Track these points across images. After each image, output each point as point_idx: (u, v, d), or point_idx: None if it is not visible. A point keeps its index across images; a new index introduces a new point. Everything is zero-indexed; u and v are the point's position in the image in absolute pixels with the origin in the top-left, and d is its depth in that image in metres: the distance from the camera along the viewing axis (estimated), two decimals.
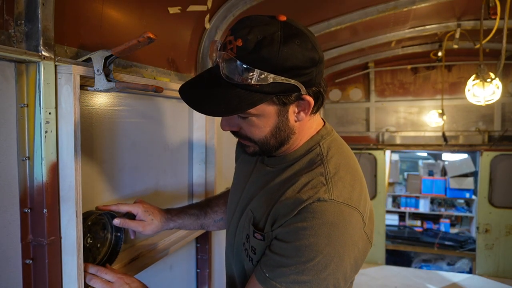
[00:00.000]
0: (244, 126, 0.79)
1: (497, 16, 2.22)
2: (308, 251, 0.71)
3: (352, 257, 0.75)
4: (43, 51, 0.80)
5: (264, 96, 0.70)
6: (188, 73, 1.56)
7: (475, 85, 2.65)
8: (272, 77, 0.68)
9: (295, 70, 0.70)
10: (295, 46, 0.69)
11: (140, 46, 0.87)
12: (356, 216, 0.75)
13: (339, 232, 0.72)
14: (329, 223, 0.71)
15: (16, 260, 0.82)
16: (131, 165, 1.23)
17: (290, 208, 0.75)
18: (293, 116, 0.78)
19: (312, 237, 0.71)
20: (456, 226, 5.53)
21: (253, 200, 0.87)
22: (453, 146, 4.39)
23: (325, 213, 0.72)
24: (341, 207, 0.73)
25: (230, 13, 1.60)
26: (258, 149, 0.83)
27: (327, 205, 0.73)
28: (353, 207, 0.75)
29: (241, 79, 0.69)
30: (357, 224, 0.75)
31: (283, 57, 0.68)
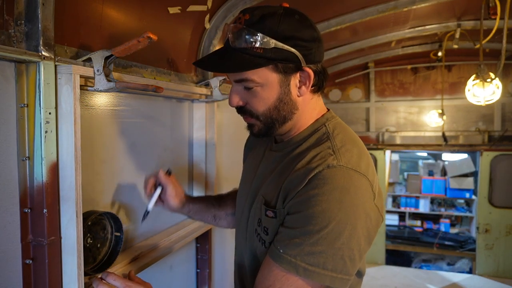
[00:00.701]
0: (249, 99, 0.82)
1: (497, 16, 2.22)
2: (320, 218, 0.71)
3: (364, 226, 0.75)
4: (43, 51, 0.80)
5: (267, 61, 0.76)
6: (188, 73, 1.56)
7: (475, 85, 2.65)
8: (274, 42, 0.75)
9: (295, 40, 0.76)
10: (295, 20, 0.78)
11: (140, 46, 0.87)
12: (365, 183, 0.76)
13: (350, 197, 0.73)
14: (340, 188, 0.73)
15: (16, 260, 0.82)
16: (131, 165, 1.23)
17: (300, 179, 0.76)
18: (295, 89, 0.81)
19: (324, 202, 0.72)
20: (456, 226, 5.53)
21: (263, 185, 0.88)
22: (453, 146, 4.39)
23: (335, 178, 0.73)
24: (350, 172, 0.75)
25: (230, 13, 1.60)
26: (262, 126, 0.85)
27: (336, 170, 0.74)
28: (361, 173, 0.76)
29: (246, 45, 0.75)
30: (367, 192, 0.76)
31: (284, 27, 0.76)
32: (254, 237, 0.88)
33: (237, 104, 0.85)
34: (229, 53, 0.79)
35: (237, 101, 0.84)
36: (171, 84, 1.34)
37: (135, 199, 1.25)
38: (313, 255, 0.71)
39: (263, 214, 0.83)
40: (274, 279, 0.74)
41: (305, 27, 0.78)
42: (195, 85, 1.55)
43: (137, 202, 1.26)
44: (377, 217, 0.78)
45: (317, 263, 0.71)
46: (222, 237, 1.90)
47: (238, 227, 1.01)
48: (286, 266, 0.72)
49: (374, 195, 0.78)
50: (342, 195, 0.72)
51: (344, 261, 0.73)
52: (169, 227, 1.46)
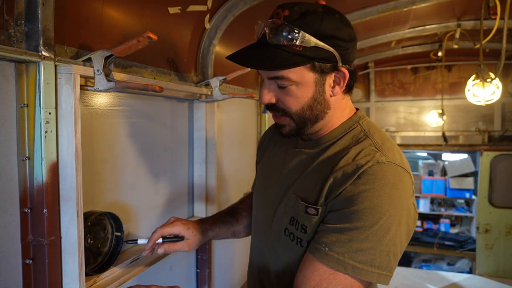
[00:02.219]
0: (283, 97, 0.80)
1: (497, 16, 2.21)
2: (372, 213, 0.71)
3: (406, 223, 0.75)
4: (43, 51, 0.80)
5: (306, 60, 0.75)
6: (188, 73, 1.56)
7: (475, 85, 2.65)
8: (314, 40, 0.73)
9: (335, 40, 0.75)
10: (335, 18, 0.76)
11: (140, 46, 0.87)
12: (409, 179, 0.77)
13: (399, 193, 0.73)
14: (390, 184, 0.73)
15: (16, 260, 0.82)
16: (131, 165, 1.23)
17: (348, 175, 0.75)
18: (329, 89, 0.81)
19: (375, 198, 0.71)
20: (456, 226, 5.53)
21: (295, 184, 0.86)
22: (453, 146, 4.38)
23: (386, 174, 0.73)
24: (398, 169, 0.75)
25: (230, 13, 1.60)
26: (294, 125, 0.83)
27: (386, 166, 0.74)
28: (406, 170, 0.77)
29: (286, 42, 0.73)
30: (410, 188, 0.77)
31: (325, 25, 0.74)
32: (282, 237, 0.85)
33: (269, 101, 0.82)
34: (266, 49, 0.76)
35: (269, 98, 0.81)
36: (171, 84, 1.34)
37: (136, 199, 1.25)
38: (362, 252, 0.70)
39: (301, 211, 0.81)
40: (320, 278, 0.71)
41: (345, 26, 0.77)
42: (195, 85, 1.55)
43: (138, 202, 1.26)
44: (415, 214, 0.79)
45: (366, 260, 0.70)
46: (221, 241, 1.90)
47: (259, 230, 0.97)
48: (334, 264, 0.71)
49: (413, 191, 0.80)
50: (392, 191, 0.72)
51: (389, 257, 0.73)
52: None
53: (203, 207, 1.63)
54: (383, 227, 0.71)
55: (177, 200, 1.52)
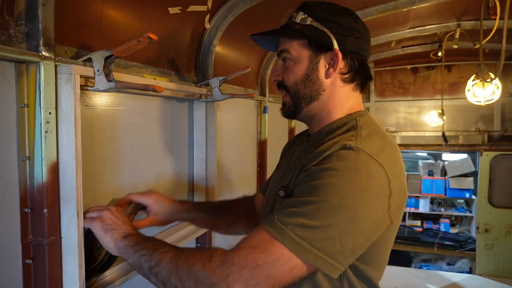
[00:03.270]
0: (284, 72, 0.89)
1: (496, 16, 2.22)
2: (324, 189, 0.68)
3: (367, 218, 0.69)
4: (43, 51, 0.80)
5: (300, 36, 0.84)
6: (188, 73, 1.56)
7: (475, 85, 2.65)
8: (310, 20, 0.83)
9: (332, 23, 0.83)
10: (338, 8, 0.86)
11: (140, 46, 0.87)
12: (380, 172, 0.72)
13: (360, 180, 0.70)
14: (353, 168, 0.70)
15: (16, 260, 0.82)
16: (131, 165, 1.23)
17: (315, 157, 0.75)
18: (323, 69, 0.85)
19: (332, 177, 0.69)
20: (456, 226, 5.53)
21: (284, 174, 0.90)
22: (453, 146, 4.39)
23: (349, 157, 0.71)
24: (366, 157, 0.72)
25: (230, 14, 1.60)
26: (291, 102, 0.89)
27: (353, 152, 0.72)
28: (378, 162, 0.72)
29: (289, 21, 0.87)
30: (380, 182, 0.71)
31: (325, 9, 0.84)
32: None
33: (276, 78, 0.91)
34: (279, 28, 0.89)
35: (276, 75, 0.91)
36: (171, 84, 1.34)
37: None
38: (304, 228, 0.67)
39: (277, 196, 0.83)
40: (260, 240, 0.69)
41: (346, 15, 0.85)
42: (195, 85, 1.55)
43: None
44: (383, 216, 0.72)
45: (305, 237, 0.66)
46: (222, 237, 1.90)
47: None
48: (275, 231, 0.68)
49: (391, 192, 0.73)
50: (353, 175, 0.70)
51: (335, 244, 0.67)
52: (169, 227, 1.46)
53: None
54: (334, 207, 0.67)
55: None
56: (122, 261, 1.12)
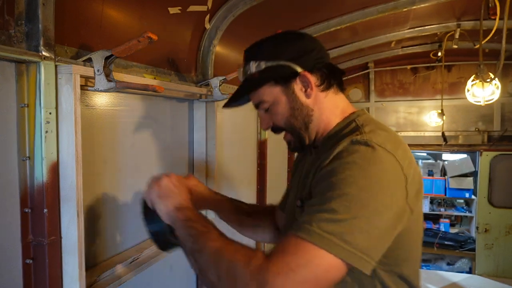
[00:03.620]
0: (272, 118, 0.90)
1: (496, 16, 2.22)
2: (342, 183, 0.68)
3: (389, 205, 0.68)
4: (44, 51, 0.80)
5: (263, 80, 0.86)
6: (188, 73, 1.56)
7: (475, 85, 2.65)
8: (263, 63, 0.86)
9: (283, 55, 0.85)
10: (279, 38, 0.88)
11: (140, 46, 0.87)
12: (391, 159, 0.71)
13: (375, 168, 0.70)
14: (366, 159, 0.70)
15: (16, 260, 0.82)
16: (131, 165, 1.23)
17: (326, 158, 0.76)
18: (302, 93, 0.87)
19: (347, 170, 0.69)
20: (456, 226, 5.53)
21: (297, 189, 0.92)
22: (452, 146, 4.39)
23: (360, 150, 0.72)
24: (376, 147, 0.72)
25: (230, 14, 1.60)
26: (292, 138, 0.91)
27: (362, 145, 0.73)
28: (387, 150, 0.72)
29: (246, 76, 0.89)
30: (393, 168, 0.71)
31: (268, 46, 0.87)
32: None
33: (267, 126, 0.93)
34: (240, 86, 0.92)
35: (266, 123, 0.93)
36: (171, 84, 1.34)
37: (136, 199, 1.25)
38: (331, 222, 0.65)
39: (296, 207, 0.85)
40: (289, 244, 0.67)
41: (289, 40, 0.87)
42: (195, 85, 1.55)
43: (138, 202, 1.26)
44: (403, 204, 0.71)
45: (334, 232, 0.64)
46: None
47: None
48: (301, 233, 0.66)
49: (406, 178, 0.71)
50: (367, 165, 0.69)
51: (363, 236, 0.65)
52: None
53: None
54: (355, 199, 0.66)
55: None
56: (121, 262, 1.12)
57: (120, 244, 1.19)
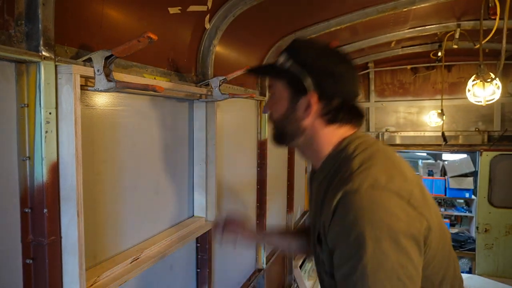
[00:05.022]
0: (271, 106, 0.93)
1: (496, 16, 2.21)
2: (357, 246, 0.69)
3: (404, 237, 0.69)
4: (43, 51, 0.80)
5: (279, 76, 0.89)
6: (188, 73, 1.56)
7: (475, 85, 2.65)
8: (290, 63, 0.86)
9: (311, 67, 0.84)
10: (325, 53, 0.87)
11: (140, 46, 0.87)
12: (387, 195, 0.72)
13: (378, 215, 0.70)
14: (361, 208, 0.70)
15: (16, 260, 0.82)
16: (131, 165, 1.23)
17: (328, 211, 0.76)
18: (302, 109, 0.86)
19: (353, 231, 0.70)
20: (456, 226, 5.53)
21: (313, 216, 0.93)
22: (452, 146, 4.39)
23: (354, 203, 0.71)
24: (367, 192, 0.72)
25: (230, 13, 1.60)
26: (274, 131, 0.94)
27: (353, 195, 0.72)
28: (381, 188, 0.72)
29: (275, 62, 0.90)
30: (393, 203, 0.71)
31: (308, 52, 0.86)
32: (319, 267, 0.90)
33: (266, 110, 0.96)
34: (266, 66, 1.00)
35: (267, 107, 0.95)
36: (171, 84, 1.34)
37: (136, 199, 1.25)
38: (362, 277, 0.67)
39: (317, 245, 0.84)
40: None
41: (330, 57, 0.85)
42: (195, 85, 1.55)
43: (138, 202, 1.26)
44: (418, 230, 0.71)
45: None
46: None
47: None
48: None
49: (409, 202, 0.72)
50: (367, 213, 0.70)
51: (403, 281, 0.67)
52: (169, 227, 1.46)
53: (203, 207, 1.63)
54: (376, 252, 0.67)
55: (177, 200, 1.52)
56: (121, 262, 1.12)
57: (120, 244, 1.19)
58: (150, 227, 1.34)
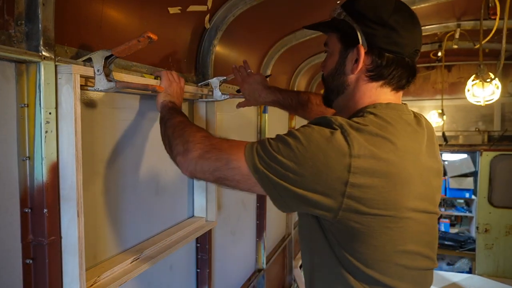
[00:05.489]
0: (324, 63, 0.92)
1: (496, 16, 2.22)
2: (290, 134, 0.75)
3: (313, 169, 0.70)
4: (43, 51, 0.80)
5: (330, 29, 0.88)
6: (188, 73, 1.56)
7: (475, 85, 2.65)
8: (344, 14, 0.84)
9: (364, 19, 0.81)
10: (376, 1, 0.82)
11: (140, 46, 0.87)
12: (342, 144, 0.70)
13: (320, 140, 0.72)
14: (321, 130, 0.74)
15: (16, 260, 0.82)
16: (131, 165, 1.23)
17: None
18: (350, 64, 0.85)
19: (301, 129, 0.76)
20: (456, 226, 5.53)
21: None
22: (453, 146, 4.39)
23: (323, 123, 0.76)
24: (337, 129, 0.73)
25: (230, 13, 1.59)
26: (325, 92, 0.95)
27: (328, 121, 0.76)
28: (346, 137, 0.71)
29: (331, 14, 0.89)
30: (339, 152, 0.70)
31: (361, 4, 0.82)
32: None
33: (321, 70, 0.95)
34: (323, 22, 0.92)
35: (322, 66, 0.94)
36: None
37: (136, 199, 1.25)
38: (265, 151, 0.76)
39: None
40: None
41: (383, 8, 0.79)
42: (195, 85, 1.55)
43: (138, 202, 1.26)
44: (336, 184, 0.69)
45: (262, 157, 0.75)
46: (222, 237, 1.90)
47: None
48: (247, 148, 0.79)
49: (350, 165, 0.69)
50: (317, 133, 0.73)
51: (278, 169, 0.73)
52: (169, 227, 1.46)
53: (203, 207, 1.63)
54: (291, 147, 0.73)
55: (177, 200, 1.52)
56: (121, 262, 1.12)
57: (120, 244, 1.19)
58: (150, 227, 1.34)
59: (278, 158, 0.73)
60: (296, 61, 3.05)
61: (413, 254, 0.80)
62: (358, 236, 0.75)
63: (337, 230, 0.77)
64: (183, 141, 0.90)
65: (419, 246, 0.81)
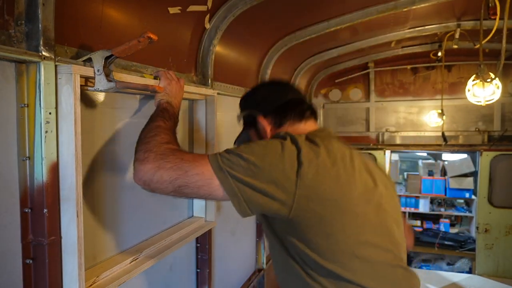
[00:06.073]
0: None
1: (496, 16, 2.21)
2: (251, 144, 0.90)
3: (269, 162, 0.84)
4: (43, 51, 0.80)
5: (246, 126, 1.15)
6: (188, 73, 1.56)
7: (475, 85, 2.65)
8: (242, 112, 1.14)
9: (251, 103, 1.11)
10: (256, 88, 1.16)
11: (140, 46, 0.87)
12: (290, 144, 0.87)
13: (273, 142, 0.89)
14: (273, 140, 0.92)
15: (16, 260, 0.82)
16: (131, 165, 1.22)
17: None
18: (263, 131, 1.07)
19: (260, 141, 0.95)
20: (456, 226, 5.52)
21: None
22: (452, 146, 4.38)
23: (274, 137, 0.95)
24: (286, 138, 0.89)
25: (230, 13, 1.60)
26: None
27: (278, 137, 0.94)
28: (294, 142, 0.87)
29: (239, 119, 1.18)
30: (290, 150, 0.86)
31: (248, 96, 1.16)
32: None
33: None
34: None
35: None
36: None
37: (135, 199, 1.25)
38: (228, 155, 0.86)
39: None
40: None
41: (252, 94, 1.14)
42: (195, 85, 1.55)
43: (137, 202, 1.26)
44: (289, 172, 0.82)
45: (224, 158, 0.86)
46: (222, 237, 1.90)
47: None
48: None
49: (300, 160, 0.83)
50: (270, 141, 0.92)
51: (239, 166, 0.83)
52: (169, 227, 1.46)
53: (202, 207, 1.63)
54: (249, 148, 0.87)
55: (177, 200, 1.52)
56: (121, 262, 1.12)
57: (120, 244, 1.19)
58: (149, 227, 1.34)
59: (240, 155, 0.84)
60: (296, 61, 3.05)
61: (371, 245, 0.85)
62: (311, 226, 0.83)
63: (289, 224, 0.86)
64: (146, 148, 0.91)
65: (375, 236, 0.86)
